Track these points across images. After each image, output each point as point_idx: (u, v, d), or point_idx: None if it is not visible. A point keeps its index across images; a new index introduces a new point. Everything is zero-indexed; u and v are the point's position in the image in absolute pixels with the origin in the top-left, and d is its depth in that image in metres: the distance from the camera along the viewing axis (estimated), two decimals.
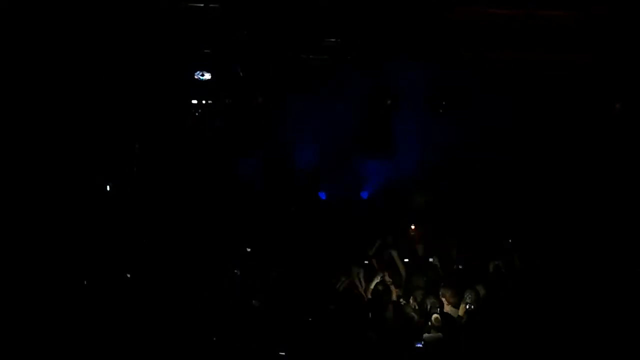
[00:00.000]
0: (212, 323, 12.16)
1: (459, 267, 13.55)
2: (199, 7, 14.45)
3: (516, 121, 15.35)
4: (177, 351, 11.56)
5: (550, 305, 11.17)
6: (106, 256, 13.76)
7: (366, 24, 14.68)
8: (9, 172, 13.66)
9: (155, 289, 13.02)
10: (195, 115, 15.87)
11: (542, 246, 14.30)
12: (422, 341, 10.69)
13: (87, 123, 14.69)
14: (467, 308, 11.04)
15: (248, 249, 14.68)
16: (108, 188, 15.29)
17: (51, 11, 13.71)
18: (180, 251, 13.88)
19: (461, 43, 14.96)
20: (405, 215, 15.63)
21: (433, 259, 13.17)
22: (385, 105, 15.99)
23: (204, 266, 13.84)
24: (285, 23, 14.57)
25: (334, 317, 11.56)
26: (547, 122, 15.53)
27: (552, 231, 14.87)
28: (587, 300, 11.48)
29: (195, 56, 15.21)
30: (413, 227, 15.08)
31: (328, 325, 11.28)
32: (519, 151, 15.61)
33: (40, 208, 13.78)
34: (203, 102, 15.80)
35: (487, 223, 15.16)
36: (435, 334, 10.72)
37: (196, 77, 15.45)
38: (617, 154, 15.44)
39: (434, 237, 14.47)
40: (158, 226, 14.76)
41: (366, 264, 13.15)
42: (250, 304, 12.66)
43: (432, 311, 10.98)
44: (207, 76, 15.44)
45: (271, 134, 15.97)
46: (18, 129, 13.87)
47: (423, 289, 11.64)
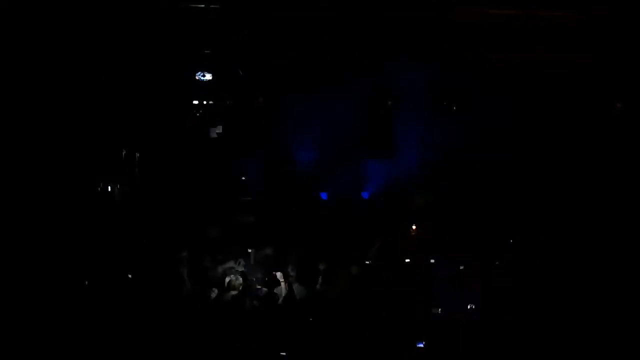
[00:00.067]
0: (212, 323, 12.17)
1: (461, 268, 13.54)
2: (200, 8, 14.50)
3: (517, 122, 15.32)
4: (178, 351, 11.57)
5: (550, 305, 11.17)
6: (107, 257, 13.77)
7: (367, 25, 14.70)
8: (9, 173, 13.67)
9: (155, 290, 13.03)
10: (196, 115, 15.87)
11: (543, 246, 14.30)
12: None
13: (88, 124, 14.70)
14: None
15: (249, 250, 14.67)
16: (109, 189, 15.28)
17: (52, 12, 13.74)
18: (180, 252, 13.88)
19: (462, 44, 14.98)
20: (405, 215, 15.61)
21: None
22: (386, 105, 15.97)
23: (204, 267, 13.85)
24: (285, 23, 14.59)
25: (334, 318, 11.56)
26: (548, 123, 15.51)
27: (553, 231, 14.85)
28: (587, 299, 11.49)
29: (196, 57, 15.21)
30: (414, 228, 15.08)
31: (328, 325, 11.29)
32: (520, 152, 15.58)
33: (40, 209, 13.80)
34: (204, 103, 15.79)
35: (488, 223, 15.14)
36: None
37: (197, 78, 15.46)
38: (618, 154, 15.43)
39: (435, 237, 14.48)
40: (159, 227, 14.76)
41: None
42: (250, 305, 12.68)
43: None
44: (208, 77, 15.45)
45: (272, 135, 15.94)
46: (19, 130, 13.89)
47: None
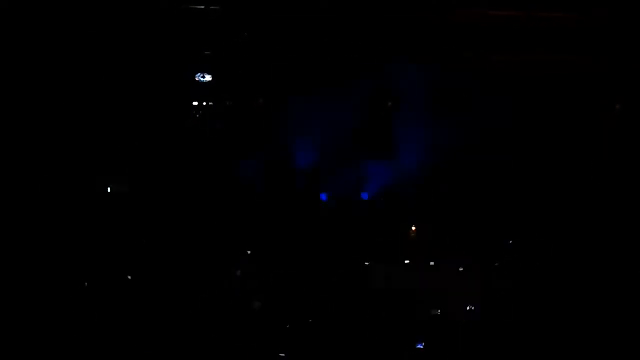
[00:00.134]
0: (213, 324, 12.15)
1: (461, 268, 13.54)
2: (200, 9, 14.50)
3: (517, 122, 15.32)
4: (178, 351, 11.55)
5: (549, 305, 11.16)
6: (107, 258, 13.75)
7: (367, 26, 14.70)
8: (10, 174, 13.66)
9: (156, 290, 13.02)
10: (195, 116, 15.85)
11: (542, 247, 14.28)
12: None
13: (89, 124, 14.69)
14: None
15: (248, 251, 14.66)
16: (109, 189, 15.26)
17: (52, 13, 13.74)
18: (180, 253, 13.86)
19: (462, 45, 14.98)
20: (405, 216, 15.60)
21: None
22: (386, 106, 15.97)
23: (205, 268, 13.83)
24: (285, 25, 14.59)
25: (334, 318, 11.55)
26: (548, 124, 15.50)
27: (552, 232, 14.84)
28: (587, 300, 11.48)
29: (196, 58, 15.22)
30: (413, 228, 15.06)
31: (328, 325, 11.27)
32: (520, 152, 15.57)
33: (41, 209, 13.78)
34: (204, 104, 15.78)
35: (487, 224, 15.12)
36: None
37: (197, 79, 15.46)
38: (617, 155, 15.41)
39: (434, 238, 14.47)
40: (159, 228, 14.74)
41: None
42: (250, 305, 12.66)
43: None
44: (208, 78, 15.45)
45: (272, 135, 15.93)
46: (19, 130, 13.89)
47: None
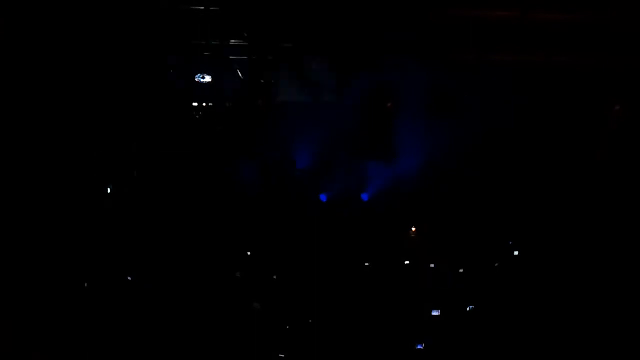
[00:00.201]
0: (213, 324, 12.17)
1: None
2: (200, 10, 14.52)
3: (516, 122, 15.35)
4: (178, 352, 11.57)
5: (549, 306, 11.17)
6: (107, 259, 13.77)
7: (367, 26, 14.71)
8: (10, 174, 13.67)
9: (156, 291, 13.04)
10: (195, 117, 15.88)
11: (542, 247, 14.30)
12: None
13: (88, 125, 14.71)
14: None
15: (248, 252, 14.67)
16: (109, 191, 15.28)
17: (52, 13, 13.76)
18: (180, 254, 13.88)
19: (462, 45, 14.99)
20: (405, 216, 15.63)
21: None
22: (385, 107, 15.99)
23: (204, 268, 13.85)
24: (285, 25, 14.62)
25: (334, 318, 11.56)
26: (548, 124, 15.53)
27: (552, 232, 14.86)
28: (587, 300, 11.48)
29: (195, 58, 15.24)
30: (413, 229, 15.09)
31: (328, 326, 11.29)
32: (520, 152, 15.60)
33: (41, 210, 13.79)
34: (203, 105, 15.81)
35: (487, 225, 15.15)
36: None
37: (196, 80, 15.48)
38: (617, 155, 15.43)
39: (434, 239, 14.49)
40: (158, 229, 14.76)
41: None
42: (250, 306, 12.67)
43: None
44: (208, 78, 15.47)
45: (271, 136, 15.96)
46: (19, 131, 13.90)
47: None
